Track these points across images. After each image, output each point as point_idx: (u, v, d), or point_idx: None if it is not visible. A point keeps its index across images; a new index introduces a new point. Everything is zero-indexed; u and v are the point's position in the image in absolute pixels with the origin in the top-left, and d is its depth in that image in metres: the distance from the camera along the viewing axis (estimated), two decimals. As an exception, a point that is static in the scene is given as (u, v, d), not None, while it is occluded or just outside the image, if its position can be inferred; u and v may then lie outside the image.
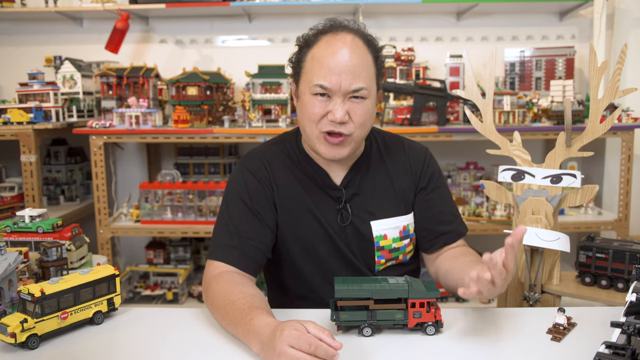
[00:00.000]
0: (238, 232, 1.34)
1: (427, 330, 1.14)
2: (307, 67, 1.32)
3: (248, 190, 1.39)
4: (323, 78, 1.27)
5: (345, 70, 1.26)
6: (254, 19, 3.20)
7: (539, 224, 1.44)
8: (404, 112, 2.78)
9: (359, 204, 1.43)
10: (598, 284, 1.49)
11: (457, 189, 3.01)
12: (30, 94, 2.70)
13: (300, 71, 1.35)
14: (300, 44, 1.37)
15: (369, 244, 1.42)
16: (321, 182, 1.42)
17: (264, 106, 2.80)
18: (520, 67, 3.03)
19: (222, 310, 1.17)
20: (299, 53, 1.36)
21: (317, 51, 1.31)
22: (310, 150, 1.42)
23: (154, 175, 3.24)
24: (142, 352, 1.10)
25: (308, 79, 1.31)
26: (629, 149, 2.64)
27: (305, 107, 1.31)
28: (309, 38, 1.34)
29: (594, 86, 1.47)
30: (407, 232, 1.46)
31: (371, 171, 1.46)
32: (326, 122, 1.29)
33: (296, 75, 1.38)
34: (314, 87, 1.28)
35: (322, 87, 1.27)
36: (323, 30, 1.33)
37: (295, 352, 0.94)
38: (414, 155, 1.50)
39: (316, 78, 1.28)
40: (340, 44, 1.28)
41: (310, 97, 1.30)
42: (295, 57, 1.38)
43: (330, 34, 1.31)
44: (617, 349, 0.88)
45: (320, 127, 1.30)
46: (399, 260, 1.47)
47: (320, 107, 1.29)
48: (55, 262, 1.34)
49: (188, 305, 2.90)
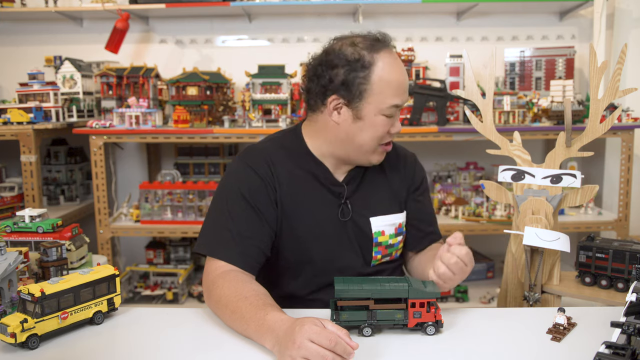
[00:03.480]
0: (239, 231, 1.33)
1: (427, 330, 1.14)
2: (376, 89, 1.33)
3: (249, 187, 1.38)
4: (398, 98, 1.35)
5: (406, 86, 1.38)
6: (254, 19, 3.20)
7: (539, 224, 1.44)
8: (404, 112, 2.78)
9: (359, 201, 1.46)
10: (598, 284, 1.49)
11: (457, 189, 3.01)
12: (30, 94, 2.70)
13: (364, 93, 1.33)
14: (353, 64, 1.33)
15: (367, 239, 1.45)
16: (323, 178, 1.44)
17: (264, 106, 2.80)
18: (520, 67, 3.03)
19: (233, 306, 1.16)
20: (354, 72, 1.33)
21: (384, 74, 1.33)
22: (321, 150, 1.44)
23: (154, 175, 3.24)
24: (142, 352, 1.10)
25: (379, 100, 1.34)
26: (629, 149, 2.64)
27: (375, 127, 1.36)
28: (363, 58, 1.33)
29: (594, 86, 1.47)
30: (401, 229, 1.51)
31: (370, 169, 1.49)
32: (388, 136, 1.40)
33: (354, 95, 1.34)
34: (389, 108, 1.35)
35: (398, 106, 1.36)
36: (374, 47, 1.34)
37: (316, 347, 0.96)
38: (405, 158, 1.58)
39: (391, 99, 1.34)
40: (397, 60, 1.37)
41: (382, 118, 1.36)
42: (349, 77, 1.33)
43: (385, 52, 1.35)
44: (617, 349, 0.88)
45: (382, 141, 1.39)
46: (392, 257, 1.52)
47: (389, 124, 1.38)
48: (55, 262, 1.34)
49: (188, 305, 2.90)
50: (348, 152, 1.41)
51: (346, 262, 1.44)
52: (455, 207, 2.84)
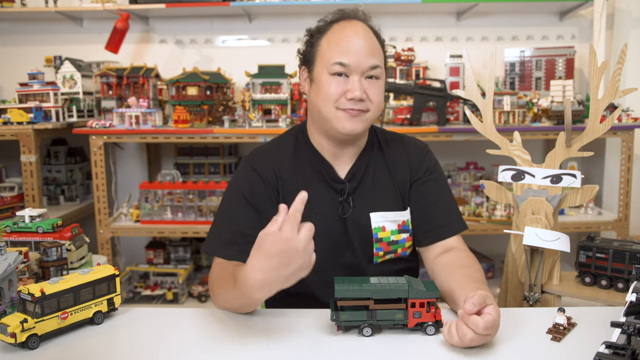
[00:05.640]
0: (240, 229, 1.36)
1: (427, 330, 1.14)
2: (323, 50, 1.37)
3: (250, 187, 1.41)
4: (343, 56, 1.32)
5: (363, 49, 1.33)
6: (254, 19, 3.20)
7: (539, 224, 1.44)
8: (404, 112, 2.79)
9: (361, 197, 1.45)
10: (598, 284, 1.49)
11: (457, 189, 3.01)
12: (30, 94, 2.70)
13: (314, 55, 1.39)
14: (312, 33, 1.42)
15: (368, 235, 1.44)
16: (326, 174, 1.45)
17: (264, 106, 2.80)
18: (520, 67, 3.03)
19: (223, 289, 1.20)
20: (311, 40, 1.42)
21: (332, 35, 1.36)
22: (318, 140, 1.45)
23: (154, 175, 3.24)
24: (142, 352, 1.10)
25: (325, 60, 1.35)
26: (629, 149, 2.64)
27: (323, 88, 1.35)
28: (321, 27, 1.41)
29: (594, 86, 1.47)
30: (407, 226, 1.48)
31: (373, 165, 1.48)
32: (344, 100, 1.33)
33: (308, 61, 1.42)
34: (332, 65, 1.33)
35: (342, 64, 1.32)
36: (334, 19, 1.40)
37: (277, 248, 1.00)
38: (412, 150, 1.53)
39: (335, 56, 1.32)
40: (355, 27, 1.35)
41: (327, 77, 1.34)
42: (306, 45, 1.43)
43: (343, 21, 1.38)
44: (617, 349, 0.88)
45: (337, 105, 1.34)
46: (398, 254, 1.48)
47: (338, 86, 1.33)
48: (55, 262, 1.34)
49: (188, 305, 2.90)
50: (322, 125, 1.41)
51: (348, 260, 1.45)
52: (455, 207, 2.84)
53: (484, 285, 1.24)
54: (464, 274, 1.30)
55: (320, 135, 1.45)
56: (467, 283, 1.24)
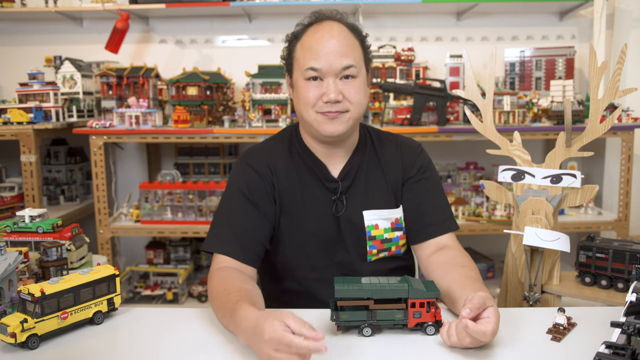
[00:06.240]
0: (238, 225, 1.38)
1: (427, 330, 1.14)
2: (298, 56, 1.39)
3: (247, 183, 1.43)
4: (314, 60, 1.34)
5: (333, 50, 1.34)
6: (254, 19, 3.20)
7: (539, 224, 1.44)
8: (404, 112, 2.79)
9: (354, 196, 1.46)
10: (598, 284, 1.49)
11: (457, 189, 3.01)
12: (30, 94, 2.70)
13: (292, 62, 1.42)
14: (289, 39, 1.44)
15: (361, 233, 1.45)
16: (319, 173, 1.46)
17: (264, 106, 2.80)
18: (520, 67, 3.03)
19: (219, 302, 1.19)
20: (289, 46, 1.44)
21: (305, 40, 1.38)
22: (309, 141, 1.47)
23: (154, 175, 3.24)
24: (142, 352, 1.10)
25: (300, 66, 1.38)
26: (629, 149, 2.64)
27: (300, 94, 1.38)
28: (297, 31, 1.43)
29: (594, 86, 1.47)
30: (400, 224, 1.49)
31: (366, 164, 1.49)
32: (321, 104, 1.36)
33: (289, 67, 1.45)
34: (306, 71, 1.35)
35: (314, 69, 1.34)
36: (309, 23, 1.41)
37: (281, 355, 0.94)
38: (405, 148, 1.54)
39: (307, 62, 1.35)
40: (327, 29, 1.36)
41: (304, 83, 1.37)
42: (286, 52, 1.46)
43: (316, 24, 1.39)
44: (617, 349, 0.88)
45: (316, 109, 1.36)
46: (392, 252, 1.49)
47: (314, 90, 1.36)
48: (55, 262, 1.34)
49: (188, 305, 2.90)
50: (307, 129, 1.44)
51: (341, 257, 1.45)
52: (455, 207, 2.84)
53: (482, 285, 1.24)
54: (461, 273, 1.30)
55: (309, 137, 1.47)
56: (465, 283, 1.24)
